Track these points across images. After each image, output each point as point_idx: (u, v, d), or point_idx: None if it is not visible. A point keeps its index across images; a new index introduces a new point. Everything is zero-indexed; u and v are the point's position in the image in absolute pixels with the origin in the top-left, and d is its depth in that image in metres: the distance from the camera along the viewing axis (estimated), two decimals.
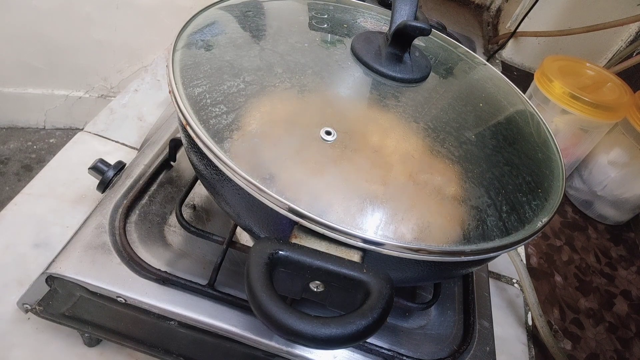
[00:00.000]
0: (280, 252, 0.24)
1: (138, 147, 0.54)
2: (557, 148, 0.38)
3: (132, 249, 0.36)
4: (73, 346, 0.37)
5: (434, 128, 0.32)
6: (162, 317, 0.34)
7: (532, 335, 0.50)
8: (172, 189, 0.43)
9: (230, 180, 0.27)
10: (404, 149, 0.30)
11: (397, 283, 0.26)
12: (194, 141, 0.28)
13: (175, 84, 0.30)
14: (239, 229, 0.39)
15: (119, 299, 0.33)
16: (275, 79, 0.32)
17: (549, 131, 0.39)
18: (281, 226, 0.27)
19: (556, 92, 0.61)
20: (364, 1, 0.46)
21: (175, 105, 0.30)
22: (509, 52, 0.99)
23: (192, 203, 0.42)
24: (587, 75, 0.66)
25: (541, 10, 0.88)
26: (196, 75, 0.32)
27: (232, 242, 0.37)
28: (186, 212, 0.41)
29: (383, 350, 0.34)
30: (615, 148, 0.64)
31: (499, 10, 1.11)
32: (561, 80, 0.61)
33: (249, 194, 0.26)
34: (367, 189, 0.27)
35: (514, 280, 0.54)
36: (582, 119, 0.60)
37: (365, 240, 0.25)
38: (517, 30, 0.92)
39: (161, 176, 0.43)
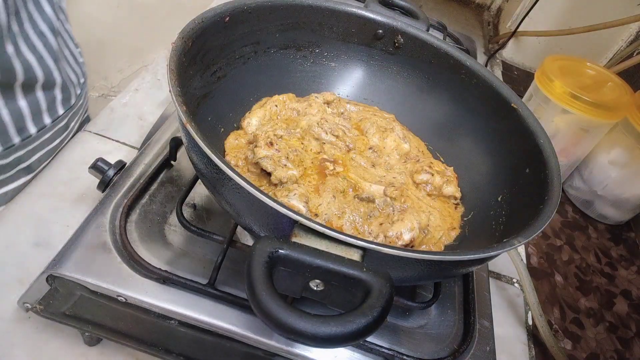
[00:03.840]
0: (280, 250, 0.24)
1: (138, 147, 0.54)
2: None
3: (132, 248, 0.36)
4: (73, 345, 0.37)
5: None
6: (163, 316, 0.34)
7: (532, 334, 0.50)
8: (172, 188, 0.43)
9: (230, 179, 0.27)
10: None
11: (397, 282, 0.26)
12: (194, 140, 0.28)
13: None
14: (239, 229, 0.39)
15: (119, 298, 0.33)
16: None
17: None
18: (281, 225, 0.27)
19: (557, 92, 0.61)
20: (362, 2, 0.46)
21: (176, 104, 0.30)
22: (509, 52, 0.99)
23: (192, 202, 0.42)
24: (588, 75, 0.65)
25: (542, 10, 0.88)
26: None
27: (233, 242, 0.37)
28: (186, 212, 0.41)
29: (383, 350, 0.34)
30: (615, 148, 0.64)
31: (499, 9, 1.11)
32: (562, 80, 0.61)
33: (249, 192, 0.26)
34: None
35: (514, 280, 0.54)
36: (582, 119, 0.60)
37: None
38: (518, 30, 0.91)
39: (162, 175, 0.43)
